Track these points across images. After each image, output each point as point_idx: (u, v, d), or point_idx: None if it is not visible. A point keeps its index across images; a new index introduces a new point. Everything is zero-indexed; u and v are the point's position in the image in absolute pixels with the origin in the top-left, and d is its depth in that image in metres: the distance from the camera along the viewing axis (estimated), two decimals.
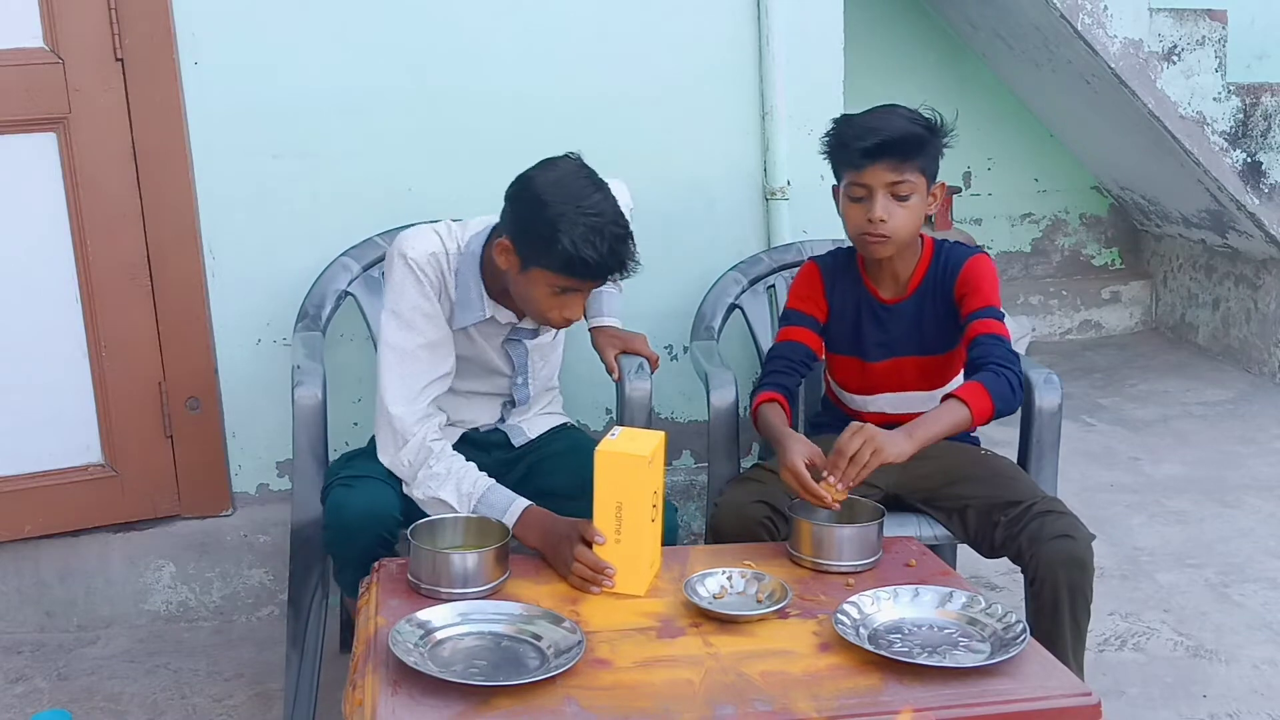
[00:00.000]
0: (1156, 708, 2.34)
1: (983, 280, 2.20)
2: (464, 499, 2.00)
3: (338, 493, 2.02)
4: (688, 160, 2.82)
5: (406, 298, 2.07)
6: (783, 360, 2.27)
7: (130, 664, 2.59)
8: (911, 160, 2.10)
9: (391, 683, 1.52)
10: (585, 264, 1.92)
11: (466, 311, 2.11)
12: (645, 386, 2.36)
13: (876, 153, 2.09)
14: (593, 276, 1.97)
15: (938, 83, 4.93)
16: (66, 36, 2.44)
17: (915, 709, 1.48)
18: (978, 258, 2.23)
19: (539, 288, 1.99)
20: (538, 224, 1.93)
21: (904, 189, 2.11)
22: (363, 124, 2.64)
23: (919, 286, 2.24)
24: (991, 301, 2.19)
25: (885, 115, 2.13)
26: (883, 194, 2.11)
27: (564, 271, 1.95)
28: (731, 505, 2.13)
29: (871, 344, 2.26)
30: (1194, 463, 3.62)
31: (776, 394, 2.21)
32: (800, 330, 2.29)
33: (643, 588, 1.82)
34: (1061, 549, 1.98)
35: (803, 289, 2.32)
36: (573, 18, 2.71)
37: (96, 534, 2.69)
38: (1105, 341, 5.04)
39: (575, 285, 1.99)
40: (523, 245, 1.98)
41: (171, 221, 2.58)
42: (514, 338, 2.21)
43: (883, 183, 2.10)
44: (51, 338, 2.56)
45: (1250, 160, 4.07)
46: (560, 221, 1.91)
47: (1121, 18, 3.88)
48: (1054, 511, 2.05)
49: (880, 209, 2.11)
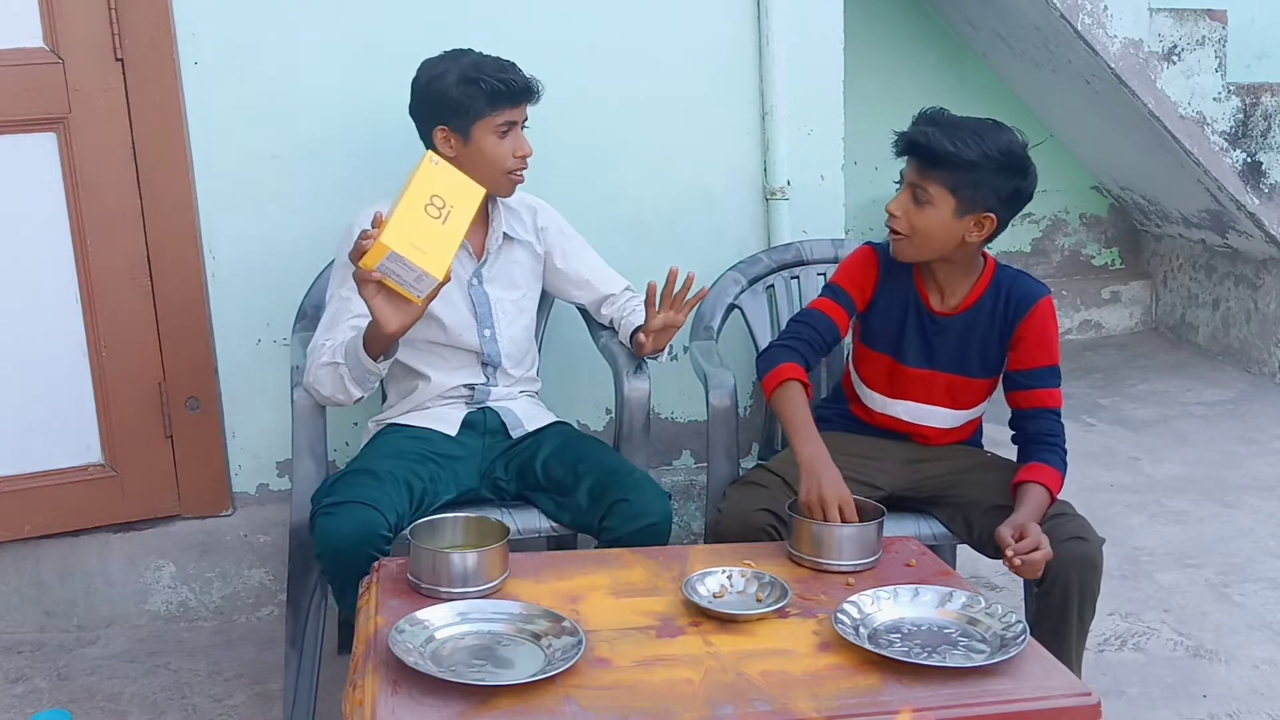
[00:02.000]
0: (1156, 708, 2.34)
1: (1052, 331, 2.18)
2: (340, 352, 2.10)
3: (323, 521, 2.03)
4: (688, 160, 2.82)
5: (339, 255, 2.26)
6: (813, 331, 2.21)
7: (130, 664, 2.59)
8: (933, 170, 2.07)
9: (391, 682, 1.52)
10: (501, 82, 2.16)
11: None
12: (644, 387, 2.36)
13: (907, 148, 2.11)
14: (513, 93, 2.18)
15: (938, 83, 4.93)
16: (66, 36, 2.44)
17: (915, 709, 1.48)
18: (1046, 301, 2.18)
19: (486, 141, 2.20)
20: (446, 93, 2.19)
21: (922, 195, 2.09)
22: (363, 124, 2.64)
23: (972, 306, 2.20)
24: (1056, 359, 2.18)
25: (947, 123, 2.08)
26: (907, 190, 2.12)
27: (491, 104, 2.17)
28: (735, 512, 2.11)
29: (911, 349, 2.22)
30: (1194, 463, 3.62)
31: (802, 372, 2.14)
32: (838, 307, 2.23)
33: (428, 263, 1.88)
34: (1075, 550, 1.99)
35: (855, 271, 2.26)
36: (573, 18, 2.71)
37: (96, 534, 2.69)
38: (1105, 341, 5.04)
39: (508, 116, 2.19)
40: (451, 118, 2.20)
41: (171, 221, 2.58)
42: (475, 282, 2.29)
43: (910, 180, 2.12)
44: (51, 338, 2.56)
45: (1250, 160, 4.07)
46: (449, 76, 2.19)
47: (1121, 18, 3.88)
48: (1065, 514, 2.05)
49: (896, 202, 2.12)
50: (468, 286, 2.30)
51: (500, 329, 2.32)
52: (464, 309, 2.30)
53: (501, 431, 2.33)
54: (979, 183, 2.06)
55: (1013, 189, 2.09)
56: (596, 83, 2.75)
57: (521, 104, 2.22)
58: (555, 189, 2.59)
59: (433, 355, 2.32)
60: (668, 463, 2.99)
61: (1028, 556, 1.92)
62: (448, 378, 2.32)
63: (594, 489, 2.15)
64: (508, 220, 2.34)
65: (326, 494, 2.08)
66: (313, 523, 2.08)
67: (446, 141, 2.22)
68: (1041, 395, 2.17)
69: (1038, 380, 2.17)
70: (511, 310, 2.35)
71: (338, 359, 2.10)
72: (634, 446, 2.35)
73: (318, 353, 2.14)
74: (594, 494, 2.15)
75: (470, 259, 2.30)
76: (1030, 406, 2.18)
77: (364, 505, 2.03)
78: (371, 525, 2.00)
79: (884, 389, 2.29)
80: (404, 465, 2.16)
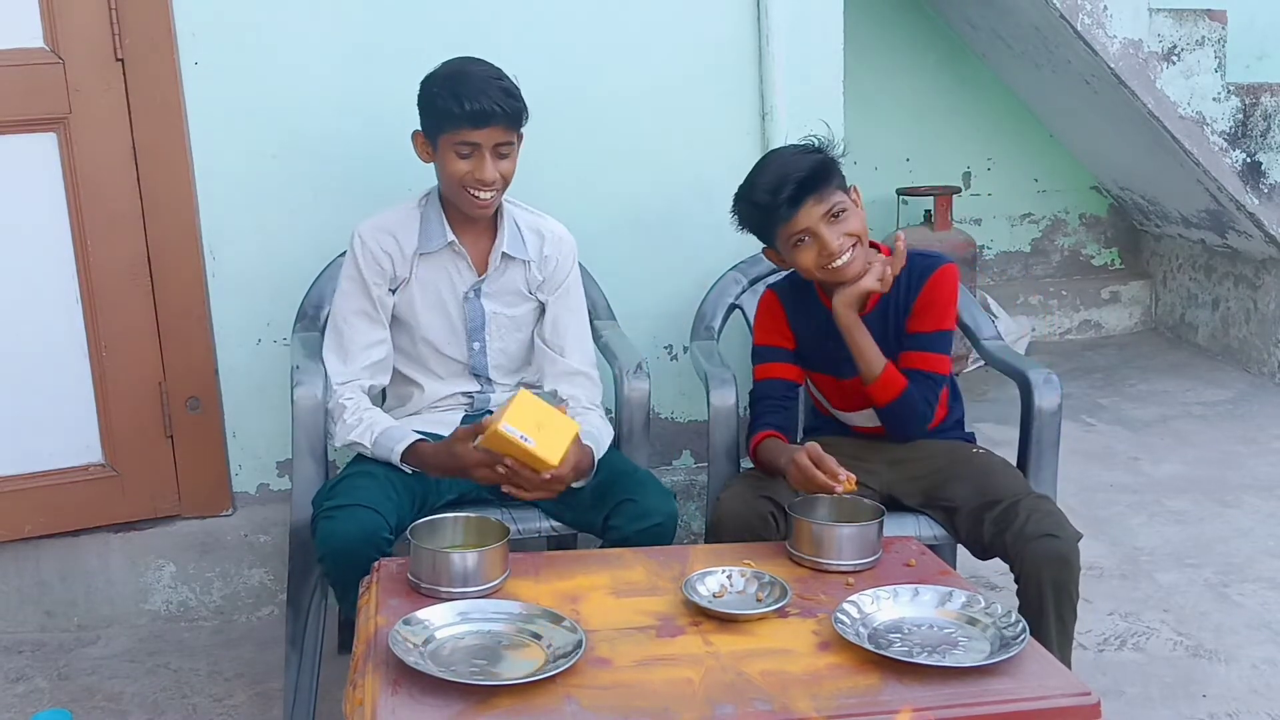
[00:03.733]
0: (1156, 707, 2.34)
1: (947, 296, 2.21)
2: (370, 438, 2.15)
3: (324, 525, 2.03)
4: (688, 160, 2.82)
5: (346, 268, 2.27)
6: (767, 401, 2.29)
7: (131, 664, 2.59)
8: (829, 185, 2.13)
9: (391, 682, 1.52)
10: (459, 106, 2.09)
11: (429, 240, 2.25)
12: (644, 386, 2.36)
13: (798, 197, 2.11)
14: (471, 119, 2.10)
15: (938, 83, 4.93)
16: (66, 36, 2.44)
17: (915, 709, 1.48)
18: (944, 269, 2.22)
19: (446, 158, 2.15)
20: (422, 98, 2.17)
21: (836, 209, 2.13)
22: (363, 124, 2.64)
23: (880, 301, 2.23)
24: (944, 325, 2.22)
25: (782, 162, 2.16)
26: (825, 227, 2.13)
27: (451, 124, 2.12)
28: (734, 500, 2.13)
29: (844, 362, 2.24)
30: (1194, 463, 3.62)
31: (772, 431, 2.22)
32: (774, 366, 2.31)
33: (555, 455, 1.94)
34: (1046, 548, 1.99)
35: (767, 322, 2.34)
36: (573, 18, 2.71)
37: (97, 534, 2.69)
38: (1105, 341, 5.04)
39: (467, 136, 2.12)
40: (424, 125, 2.19)
41: (171, 221, 2.59)
42: (472, 295, 2.28)
43: (817, 218, 2.12)
44: (51, 338, 2.56)
45: (1250, 160, 4.07)
46: (432, 83, 2.16)
47: (1121, 18, 3.89)
48: (1039, 510, 2.05)
49: (833, 242, 2.13)
50: (463, 300, 2.29)
51: (490, 342, 2.32)
52: (456, 321, 2.30)
53: None
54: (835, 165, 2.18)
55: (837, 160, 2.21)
56: (596, 82, 2.75)
57: (483, 128, 2.11)
58: (555, 189, 2.59)
59: (421, 364, 2.33)
60: (668, 463, 3.00)
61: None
62: (440, 387, 2.33)
63: (598, 488, 2.15)
64: (510, 240, 2.28)
65: (327, 496, 2.08)
66: (314, 526, 2.08)
67: (424, 147, 2.22)
68: (925, 358, 2.21)
69: (925, 344, 2.21)
70: (507, 325, 2.32)
71: (363, 442, 2.15)
72: (634, 446, 2.35)
73: (342, 411, 2.18)
74: (598, 493, 2.15)
75: (470, 271, 2.28)
76: (907, 367, 2.20)
77: (365, 508, 2.02)
78: (373, 528, 2.00)
79: (840, 404, 2.34)
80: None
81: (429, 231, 2.25)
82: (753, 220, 2.21)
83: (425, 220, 2.26)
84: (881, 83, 4.74)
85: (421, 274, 2.26)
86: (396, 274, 2.25)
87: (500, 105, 2.11)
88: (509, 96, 2.13)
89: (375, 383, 2.27)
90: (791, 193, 2.11)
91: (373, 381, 2.25)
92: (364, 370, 2.24)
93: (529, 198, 2.38)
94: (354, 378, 2.22)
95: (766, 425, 2.24)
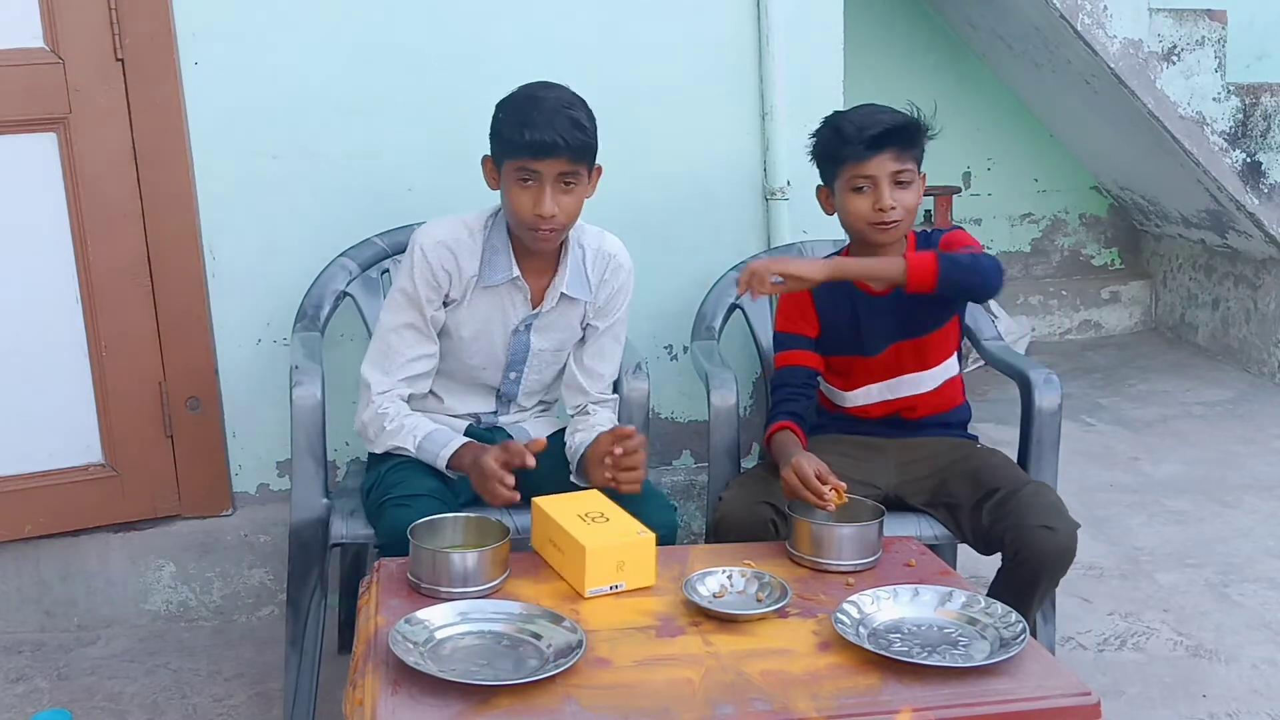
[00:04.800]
0: (1156, 707, 2.34)
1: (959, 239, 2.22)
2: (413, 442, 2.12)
3: (393, 513, 2.01)
4: (688, 160, 2.82)
5: (400, 280, 2.19)
6: (788, 388, 2.28)
7: (130, 664, 2.59)
8: (910, 150, 2.17)
9: (391, 682, 1.52)
10: (522, 134, 2.01)
11: (493, 273, 2.17)
12: (644, 386, 2.36)
13: (881, 142, 2.14)
14: (532, 149, 2.01)
15: (938, 83, 4.93)
16: (66, 36, 2.44)
17: (915, 708, 1.48)
18: (954, 231, 2.26)
19: (509, 185, 2.07)
20: (493, 122, 2.10)
21: (906, 176, 2.17)
22: (362, 124, 2.64)
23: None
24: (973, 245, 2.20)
25: (878, 110, 2.19)
26: (888, 182, 2.15)
27: (513, 152, 2.04)
28: (736, 504, 2.13)
29: (869, 339, 2.26)
30: (1194, 463, 3.62)
31: (789, 422, 2.21)
32: (797, 353, 2.30)
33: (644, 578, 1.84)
34: (1046, 541, 2.00)
35: (790, 308, 2.33)
36: (573, 18, 2.71)
37: (97, 534, 2.69)
38: (1105, 341, 5.04)
39: (527, 164, 2.03)
40: (492, 150, 2.11)
41: (171, 221, 2.58)
42: (522, 329, 2.22)
43: (887, 172, 2.15)
44: (51, 338, 2.56)
45: (1250, 160, 4.07)
46: (503, 107, 2.09)
47: (1121, 18, 3.89)
48: (1038, 499, 2.06)
49: (889, 197, 2.15)
50: (512, 333, 2.23)
51: (528, 374, 2.28)
52: (500, 352, 2.24)
53: None
54: (924, 143, 2.21)
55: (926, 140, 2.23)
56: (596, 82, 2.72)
57: (545, 159, 2.02)
58: None
59: (450, 379, 2.27)
60: (668, 463, 2.99)
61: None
62: (458, 403, 2.29)
63: None
64: (573, 278, 2.20)
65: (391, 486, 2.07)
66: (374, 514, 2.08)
67: (491, 172, 2.14)
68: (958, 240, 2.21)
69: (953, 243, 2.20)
70: (549, 359, 2.28)
71: (407, 446, 2.12)
72: None
73: (382, 419, 2.14)
74: None
75: (525, 305, 2.21)
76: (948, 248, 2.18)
77: (431, 498, 2.03)
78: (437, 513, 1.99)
79: (855, 383, 2.32)
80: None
81: (494, 263, 2.16)
82: (826, 149, 2.22)
83: (490, 249, 2.16)
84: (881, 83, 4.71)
85: (477, 301, 2.19)
86: (452, 294, 2.18)
87: (564, 137, 2.01)
88: (576, 128, 2.03)
89: (414, 391, 2.21)
90: (876, 135, 2.13)
91: (411, 390, 2.20)
92: (403, 382, 2.18)
93: None
94: (393, 388, 2.17)
95: (785, 414, 2.23)
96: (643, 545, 1.83)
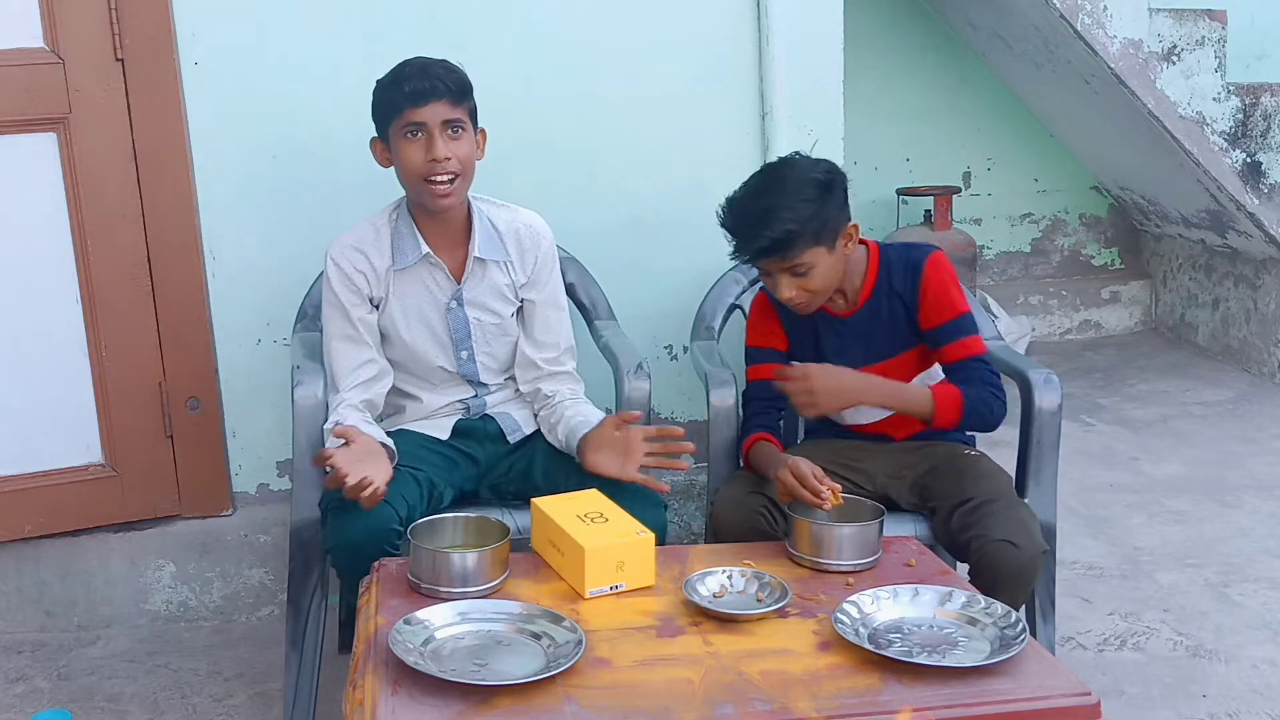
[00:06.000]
0: (1156, 707, 2.34)
1: (947, 284, 2.19)
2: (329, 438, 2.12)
3: (335, 518, 2.04)
4: (687, 160, 2.82)
5: (324, 295, 2.24)
6: (758, 402, 2.29)
7: (130, 664, 2.59)
8: (795, 249, 2.07)
9: (391, 682, 1.52)
10: (401, 88, 2.07)
11: (403, 255, 2.21)
12: (644, 386, 2.36)
13: (761, 255, 2.10)
14: (413, 97, 2.07)
15: (938, 83, 4.93)
16: (66, 36, 2.44)
17: (915, 709, 1.48)
18: (934, 258, 2.20)
19: (399, 148, 2.12)
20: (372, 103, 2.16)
21: (800, 269, 2.10)
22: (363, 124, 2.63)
23: (870, 296, 2.22)
24: (960, 309, 2.18)
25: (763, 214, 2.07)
26: (783, 276, 2.12)
27: (394, 111, 2.09)
28: (730, 498, 2.15)
29: (834, 359, 2.23)
30: (1194, 463, 3.62)
31: (763, 434, 2.23)
32: (765, 368, 2.29)
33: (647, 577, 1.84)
34: (1003, 554, 1.97)
35: (759, 323, 2.33)
36: (573, 19, 2.71)
37: (97, 534, 2.69)
38: (1105, 341, 5.04)
39: (410, 116, 2.08)
40: (377, 129, 2.17)
41: (171, 221, 2.58)
42: (454, 305, 2.24)
43: (779, 269, 2.12)
44: (51, 338, 2.56)
45: (1250, 160, 4.07)
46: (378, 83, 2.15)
47: (1121, 18, 3.89)
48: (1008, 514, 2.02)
49: (784, 288, 2.13)
50: (445, 311, 2.25)
51: (478, 349, 2.29)
52: (441, 333, 2.26)
53: (500, 438, 2.32)
54: (824, 219, 2.08)
55: (843, 195, 2.13)
56: (596, 82, 2.75)
57: (426, 103, 2.07)
58: (555, 189, 2.59)
59: (415, 376, 2.30)
60: None
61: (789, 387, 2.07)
62: (436, 397, 2.31)
63: None
64: (484, 243, 2.23)
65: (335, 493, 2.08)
66: (324, 519, 2.08)
67: (382, 152, 2.19)
68: (962, 345, 2.18)
69: (950, 333, 2.18)
70: (493, 331, 2.29)
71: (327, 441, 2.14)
72: None
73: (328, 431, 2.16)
74: None
75: (448, 281, 2.24)
76: (955, 359, 2.19)
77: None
78: (383, 520, 2.00)
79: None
80: (410, 454, 2.17)
81: (402, 246, 2.21)
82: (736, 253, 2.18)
83: (397, 235, 2.21)
84: (881, 83, 4.74)
85: (399, 290, 2.23)
86: (374, 293, 2.22)
87: (441, 80, 2.08)
88: (450, 71, 2.11)
89: (370, 396, 2.23)
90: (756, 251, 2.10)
91: (367, 395, 2.22)
92: (353, 391, 2.20)
93: (530, 199, 2.37)
94: (345, 400, 2.20)
95: (757, 428, 2.25)
96: (642, 545, 1.83)
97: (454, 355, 2.28)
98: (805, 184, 2.09)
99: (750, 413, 2.30)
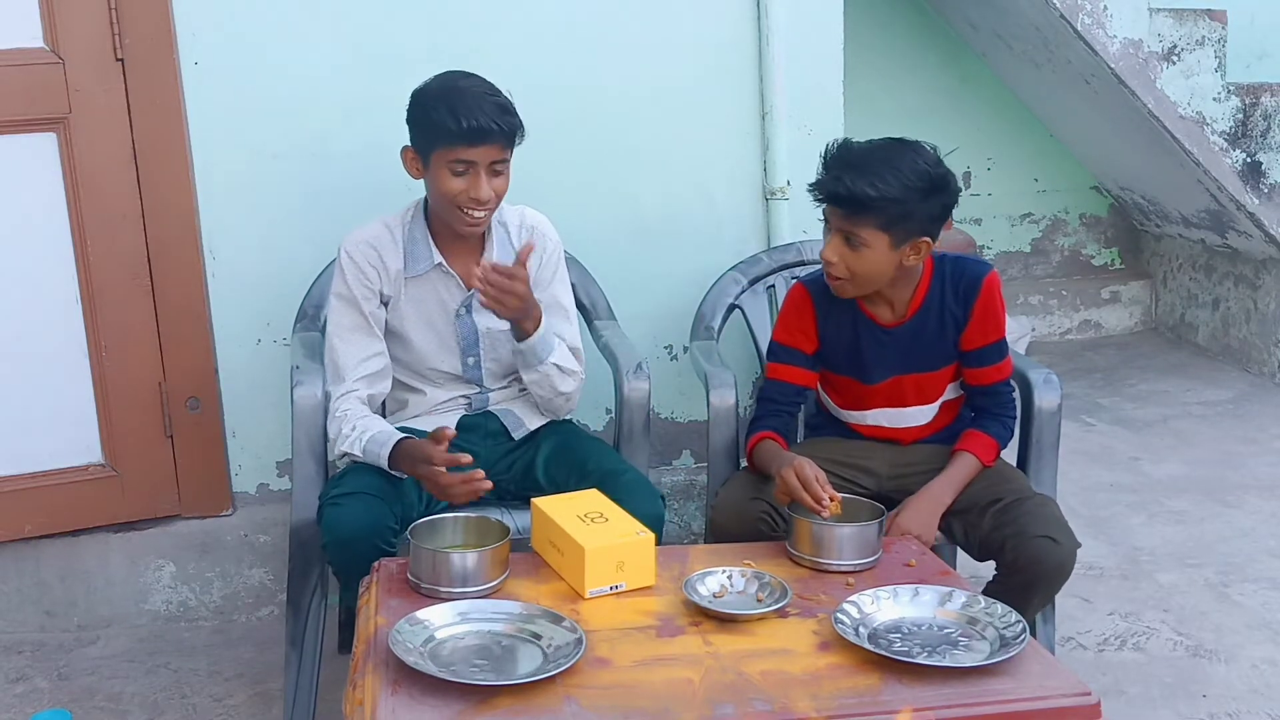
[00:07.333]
0: (1156, 707, 2.34)
1: (999, 306, 2.19)
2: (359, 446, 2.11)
3: (330, 512, 2.04)
4: (688, 160, 2.82)
5: (334, 287, 2.24)
6: (772, 404, 2.26)
7: (130, 664, 2.59)
8: (862, 216, 2.03)
9: (391, 682, 1.52)
10: (456, 123, 2.04)
11: (415, 263, 2.22)
12: (644, 386, 2.36)
13: (829, 199, 2.08)
14: (467, 136, 2.05)
15: (938, 83, 4.93)
16: (66, 36, 2.44)
17: (915, 708, 1.49)
18: (991, 277, 2.18)
19: (440, 175, 2.11)
20: (414, 113, 2.13)
21: (855, 240, 2.06)
22: (362, 124, 2.64)
23: (920, 309, 2.19)
24: (1003, 333, 2.20)
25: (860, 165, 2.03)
26: (837, 236, 2.08)
27: (445, 141, 2.07)
28: (730, 501, 2.14)
29: (871, 367, 2.22)
30: (1194, 463, 3.62)
31: (773, 434, 2.20)
32: (788, 369, 2.25)
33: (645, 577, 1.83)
34: (1043, 550, 1.99)
35: (792, 319, 2.26)
36: (573, 19, 2.71)
37: (96, 534, 2.69)
38: (1105, 341, 5.04)
39: (462, 154, 2.07)
40: (415, 141, 2.15)
41: (171, 221, 2.58)
42: (463, 312, 2.25)
43: (838, 226, 2.08)
44: (51, 338, 2.56)
45: (1250, 160, 4.07)
46: (425, 98, 2.12)
47: (1121, 18, 3.88)
48: (1042, 512, 2.05)
49: (830, 248, 2.09)
50: (455, 317, 2.26)
51: (484, 355, 2.29)
52: (449, 339, 2.27)
53: (503, 433, 2.32)
54: (908, 214, 2.04)
55: (940, 208, 2.08)
56: (596, 83, 2.75)
57: (479, 145, 2.07)
58: (555, 189, 2.59)
59: (419, 374, 2.31)
60: (668, 463, 3.00)
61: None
62: (439, 392, 2.32)
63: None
64: (500, 251, 2.25)
65: (334, 485, 2.10)
66: (320, 514, 2.09)
67: (414, 163, 2.17)
68: (997, 370, 2.21)
69: (989, 357, 2.20)
70: (501, 338, 2.28)
71: (354, 451, 2.12)
72: (634, 446, 2.35)
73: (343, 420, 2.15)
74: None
75: (460, 289, 2.24)
76: (982, 383, 2.22)
77: (371, 496, 2.04)
78: (378, 517, 2.01)
79: (853, 405, 2.30)
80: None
81: (415, 254, 2.21)
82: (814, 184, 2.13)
83: (410, 240, 2.21)
84: (881, 83, 4.74)
85: (409, 294, 2.23)
86: (385, 291, 2.23)
87: (497, 123, 2.06)
88: (505, 113, 2.09)
89: (374, 392, 2.23)
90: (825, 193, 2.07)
91: (371, 391, 2.22)
92: (360, 382, 2.20)
93: (529, 199, 2.37)
94: (351, 390, 2.20)
95: (766, 427, 2.21)
96: (642, 545, 1.83)
97: (460, 360, 2.29)
98: (915, 170, 2.03)
99: (762, 411, 2.26)
